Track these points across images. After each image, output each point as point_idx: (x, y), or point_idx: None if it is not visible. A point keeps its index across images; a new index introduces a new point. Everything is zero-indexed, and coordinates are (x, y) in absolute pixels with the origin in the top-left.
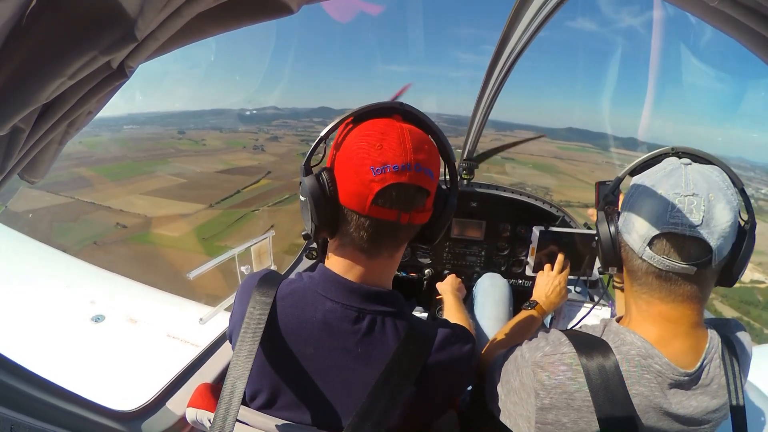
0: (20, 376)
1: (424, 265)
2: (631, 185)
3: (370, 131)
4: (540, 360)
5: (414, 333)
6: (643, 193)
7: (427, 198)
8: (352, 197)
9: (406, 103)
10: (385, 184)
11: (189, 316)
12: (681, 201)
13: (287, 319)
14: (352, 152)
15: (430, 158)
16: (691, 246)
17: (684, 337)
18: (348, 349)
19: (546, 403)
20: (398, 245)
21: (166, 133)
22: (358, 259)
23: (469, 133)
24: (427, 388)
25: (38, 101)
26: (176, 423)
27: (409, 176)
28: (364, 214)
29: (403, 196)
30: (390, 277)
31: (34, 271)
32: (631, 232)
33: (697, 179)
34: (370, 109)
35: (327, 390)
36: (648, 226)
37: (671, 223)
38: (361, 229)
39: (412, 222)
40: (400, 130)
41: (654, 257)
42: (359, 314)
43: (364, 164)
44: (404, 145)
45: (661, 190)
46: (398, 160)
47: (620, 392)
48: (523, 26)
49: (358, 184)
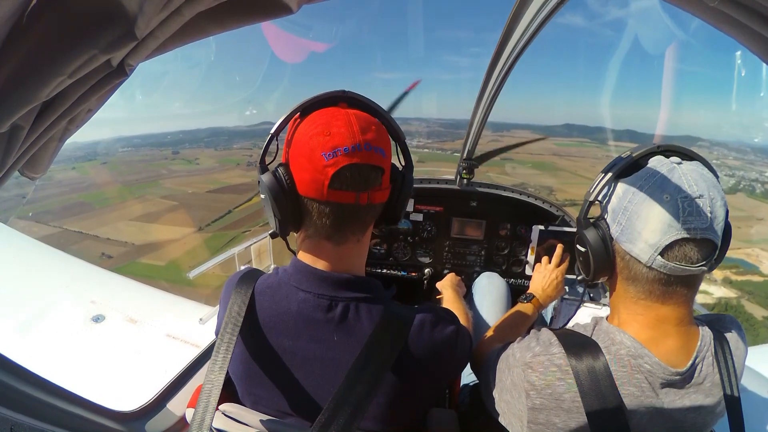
0: (20, 376)
1: (424, 265)
2: (625, 190)
3: (317, 120)
4: (530, 360)
5: (390, 317)
6: (646, 200)
7: (383, 176)
8: (309, 186)
9: (349, 90)
10: (338, 167)
11: (189, 316)
12: (690, 204)
13: (265, 314)
14: (303, 143)
15: (378, 137)
16: (701, 248)
17: (675, 336)
18: (325, 339)
19: (537, 403)
20: (363, 228)
21: (160, 154)
22: (326, 248)
23: (469, 133)
24: (411, 373)
25: (38, 99)
26: (176, 423)
27: (360, 156)
28: (324, 201)
29: (357, 176)
30: (361, 263)
31: (34, 271)
32: (635, 242)
33: (696, 179)
34: (316, 100)
35: (308, 381)
36: (660, 234)
37: (685, 229)
38: (322, 216)
39: (372, 202)
40: (346, 115)
41: (666, 265)
42: (331, 302)
43: (315, 152)
44: (352, 127)
45: (666, 196)
46: (348, 142)
47: (610, 393)
48: (523, 26)
49: (313, 171)
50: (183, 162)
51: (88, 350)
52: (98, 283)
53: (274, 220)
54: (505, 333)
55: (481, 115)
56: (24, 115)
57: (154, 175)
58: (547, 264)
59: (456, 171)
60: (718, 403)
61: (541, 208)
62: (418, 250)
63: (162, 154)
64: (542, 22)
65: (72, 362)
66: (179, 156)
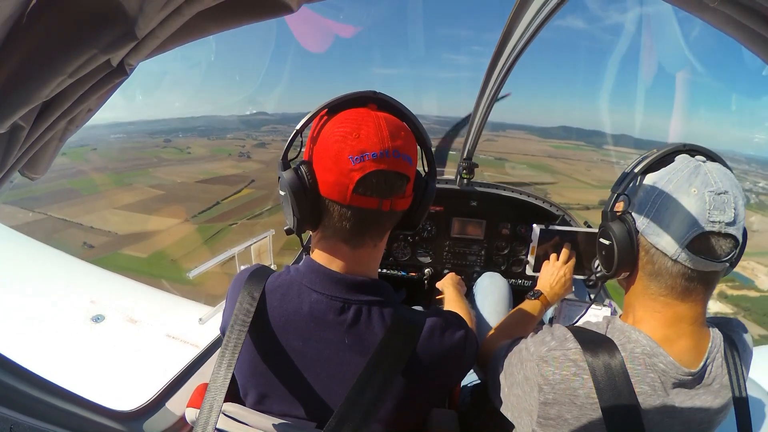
0: (20, 376)
1: (424, 265)
2: (651, 185)
3: (345, 121)
4: (545, 355)
5: (401, 321)
6: (675, 193)
7: (407, 184)
8: (333, 188)
9: (380, 92)
10: (365, 172)
11: (189, 316)
12: (716, 199)
13: (275, 313)
14: (330, 143)
15: (407, 144)
16: (724, 243)
17: (689, 335)
18: (336, 341)
19: (549, 398)
20: (382, 233)
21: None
22: (342, 250)
23: (469, 132)
24: (419, 377)
25: (38, 99)
26: (176, 423)
27: (388, 163)
28: (346, 204)
29: (383, 183)
30: (375, 266)
31: (33, 270)
32: (661, 235)
33: (721, 177)
34: (344, 99)
35: (317, 382)
36: (687, 226)
37: (710, 222)
38: (343, 219)
39: (394, 209)
40: (376, 119)
41: (692, 258)
42: (344, 305)
43: (342, 154)
44: (381, 132)
45: (694, 189)
46: (376, 147)
47: (626, 390)
48: (524, 25)
49: (338, 174)
50: (175, 151)
51: (88, 350)
52: (98, 283)
53: (293, 218)
54: (512, 330)
55: (481, 114)
56: (24, 115)
57: (144, 163)
58: (555, 261)
59: (456, 171)
60: (726, 405)
61: (542, 207)
62: (418, 250)
63: (154, 142)
64: (542, 22)
65: (72, 362)
66: (171, 144)
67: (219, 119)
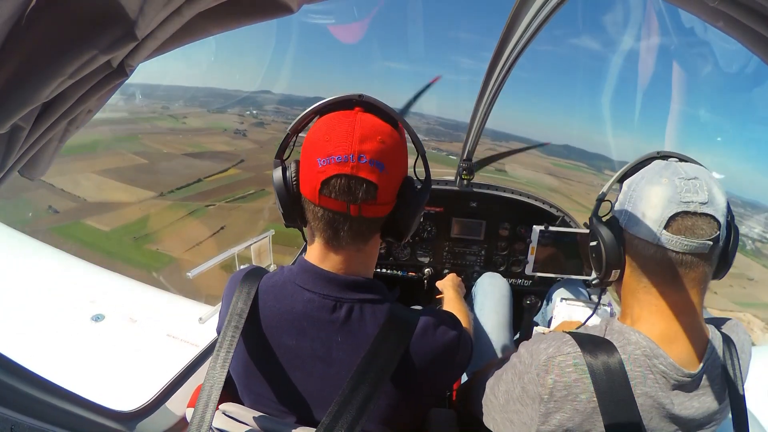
0: (20, 376)
1: (424, 265)
2: (627, 185)
3: (325, 124)
4: (544, 362)
5: (394, 319)
6: (647, 185)
7: (377, 191)
8: (306, 187)
9: (366, 95)
10: (327, 175)
11: (189, 315)
12: (686, 184)
13: (269, 312)
14: (308, 144)
15: (382, 150)
16: (703, 223)
17: (688, 334)
18: (329, 339)
19: (551, 407)
20: (362, 239)
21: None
22: (329, 250)
23: (469, 134)
24: (413, 375)
25: (38, 100)
26: (176, 423)
27: (351, 167)
28: (318, 204)
29: (345, 187)
30: (366, 268)
31: (34, 270)
32: (639, 224)
33: (692, 169)
34: (332, 102)
35: (311, 380)
36: (661, 209)
37: (683, 202)
38: (316, 218)
39: (363, 215)
40: (351, 123)
41: (672, 239)
42: (336, 303)
43: (313, 156)
44: (350, 136)
45: (664, 179)
46: (340, 151)
47: (625, 393)
48: (524, 25)
49: (310, 174)
50: (170, 119)
51: (88, 350)
52: (98, 282)
53: (281, 212)
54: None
55: (481, 115)
56: (24, 116)
57: (135, 128)
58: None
59: (456, 172)
60: (725, 406)
61: (541, 208)
62: (417, 250)
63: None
64: (542, 21)
65: (72, 362)
66: (168, 112)
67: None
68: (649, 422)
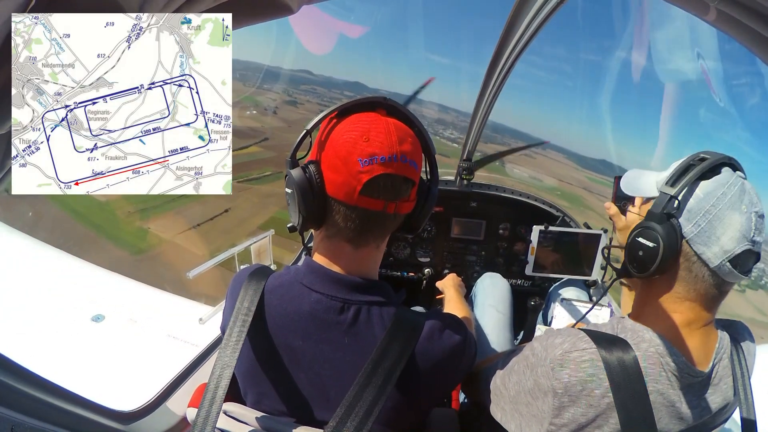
0: (20, 376)
1: (424, 265)
2: (703, 195)
3: (356, 124)
4: (560, 357)
5: (401, 322)
6: (729, 210)
7: (412, 188)
8: (340, 188)
9: (390, 98)
10: (373, 175)
11: (189, 316)
12: (758, 222)
13: (274, 312)
14: (340, 145)
15: (413, 150)
16: (752, 260)
17: (699, 336)
18: (335, 341)
19: (564, 401)
20: (384, 235)
21: None
22: (344, 250)
23: (469, 133)
24: (419, 378)
25: None
26: (176, 423)
27: (395, 167)
28: (352, 205)
29: (390, 187)
30: (376, 267)
31: (34, 270)
32: (710, 245)
33: (758, 198)
34: (356, 103)
35: (316, 382)
36: (735, 242)
37: (752, 241)
38: (348, 219)
39: (398, 212)
40: (385, 123)
41: (732, 273)
42: (344, 305)
43: (352, 156)
44: (390, 137)
45: (744, 207)
46: (385, 151)
47: (640, 389)
48: (525, 23)
49: (346, 175)
50: None
51: (88, 350)
52: (98, 283)
53: (298, 216)
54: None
55: (481, 114)
56: None
57: None
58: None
59: (456, 172)
60: (731, 404)
61: (541, 208)
62: (417, 250)
63: None
64: (543, 21)
65: (72, 362)
66: None
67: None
68: (659, 421)
